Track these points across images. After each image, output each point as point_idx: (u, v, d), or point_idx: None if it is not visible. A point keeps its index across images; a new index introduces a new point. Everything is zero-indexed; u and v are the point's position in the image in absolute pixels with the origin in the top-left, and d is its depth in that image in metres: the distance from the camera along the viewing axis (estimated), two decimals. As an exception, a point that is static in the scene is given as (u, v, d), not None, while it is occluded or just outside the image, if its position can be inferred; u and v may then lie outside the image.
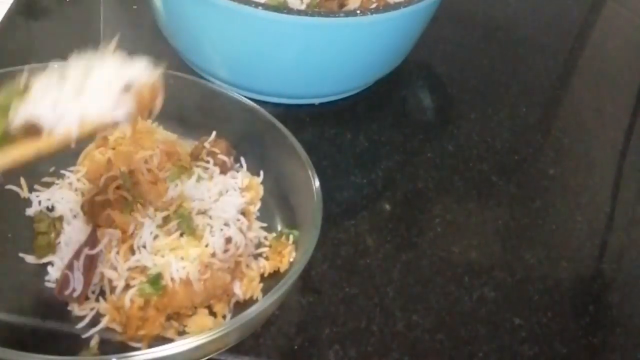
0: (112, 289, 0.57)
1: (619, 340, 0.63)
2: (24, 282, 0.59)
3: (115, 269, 0.57)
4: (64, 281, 0.56)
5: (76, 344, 0.54)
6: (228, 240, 0.59)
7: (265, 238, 0.63)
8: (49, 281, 0.58)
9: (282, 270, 0.61)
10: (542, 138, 0.85)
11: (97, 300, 0.57)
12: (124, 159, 0.62)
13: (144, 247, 0.57)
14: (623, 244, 0.73)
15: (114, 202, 0.59)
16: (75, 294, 0.56)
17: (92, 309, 0.56)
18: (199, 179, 0.63)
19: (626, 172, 0.81)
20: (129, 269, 0.57)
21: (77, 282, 0.56)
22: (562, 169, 0.79)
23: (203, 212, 0.61)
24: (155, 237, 0.58)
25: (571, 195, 0.76)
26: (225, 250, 0.59)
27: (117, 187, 0.60)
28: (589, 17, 1.05)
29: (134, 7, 0.89)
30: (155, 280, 0.55)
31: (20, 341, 0.53)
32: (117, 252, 0.57)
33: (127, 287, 0.56)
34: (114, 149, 0.65)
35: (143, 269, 0.57)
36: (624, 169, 0.81)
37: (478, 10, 1.02)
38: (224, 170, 0.65)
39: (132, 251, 0.58)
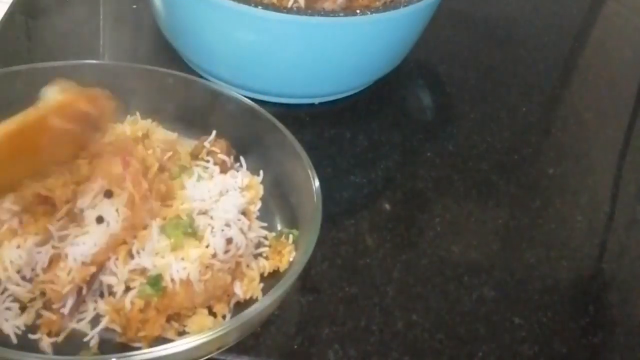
0: (112, 292, 0.56)
1: (618, 340, 0.63)
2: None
3: (114, 274, 0.56)
4: None
5: (76, 344, 0.54)
6: (229, 241, 0.59)
7: (265, 238, 0.63)
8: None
9: (282, 270, 0.60)
10: (542, 138, 0.85)
11: (96, 301, 0.57)
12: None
13: (144, 249, 0.57)
14: (623, 244, 0.73)
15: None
16: (64, 310, 0.55)
17: (92, 310, 0.56)
18: (199, 178, 0.63)
19: (626, 172, 0.81)
20: (129, 271, 0.56)
21: (69, 300, 0.55)
22: (562, 169, 0.79)
23: (204, 213, 0.60)
24: (155, 238, 0.58)
25: (571, 195, 0.76)
26: (226, 251, 0.59)
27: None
28: (589, 17, 1.05)
29: (134, 6, 0.89)
30: (156, 282, 0.55)
31: (20, 341, 0.53)
32: (117, 258, 0.57)
33: (127, 288, 0.56)
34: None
35: (143, 271, 0.57)
36: (624, 169, 0.81)
37: (478, 10, 1.02)
38: (224, 169, 0.65)
39: (130, 255, 0.57)
